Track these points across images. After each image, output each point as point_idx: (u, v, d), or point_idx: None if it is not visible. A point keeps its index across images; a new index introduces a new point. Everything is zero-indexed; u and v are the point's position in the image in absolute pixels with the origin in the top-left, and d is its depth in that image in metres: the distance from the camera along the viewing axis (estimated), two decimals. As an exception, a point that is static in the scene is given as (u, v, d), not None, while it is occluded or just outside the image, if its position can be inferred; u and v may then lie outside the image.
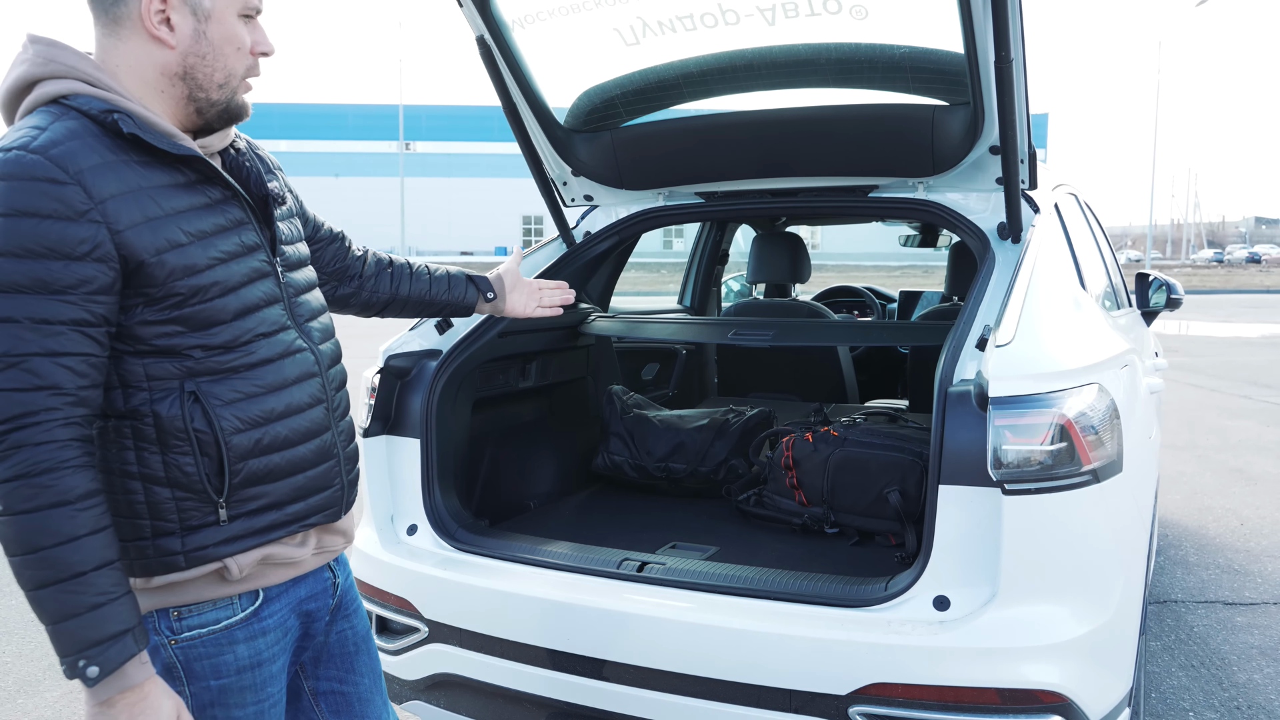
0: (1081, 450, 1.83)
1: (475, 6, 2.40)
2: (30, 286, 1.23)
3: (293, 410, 1.46)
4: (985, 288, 2.21)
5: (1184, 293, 4.29)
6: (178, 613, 1.41)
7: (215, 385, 1.38)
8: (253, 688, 1.47)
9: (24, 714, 3.21)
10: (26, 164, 1.23)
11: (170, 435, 1.35)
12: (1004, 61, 2.08)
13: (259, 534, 1.44)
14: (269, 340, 1.44)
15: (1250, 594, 4.24)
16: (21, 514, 1.22)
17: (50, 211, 1.23)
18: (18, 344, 1.22)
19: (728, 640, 1.92)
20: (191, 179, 1.38)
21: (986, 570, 1.83)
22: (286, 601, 1.52)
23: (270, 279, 1.46)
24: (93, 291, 1.26)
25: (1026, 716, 1.78)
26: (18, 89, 1.36)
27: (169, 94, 1.39)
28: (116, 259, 1.28)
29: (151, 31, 1.35)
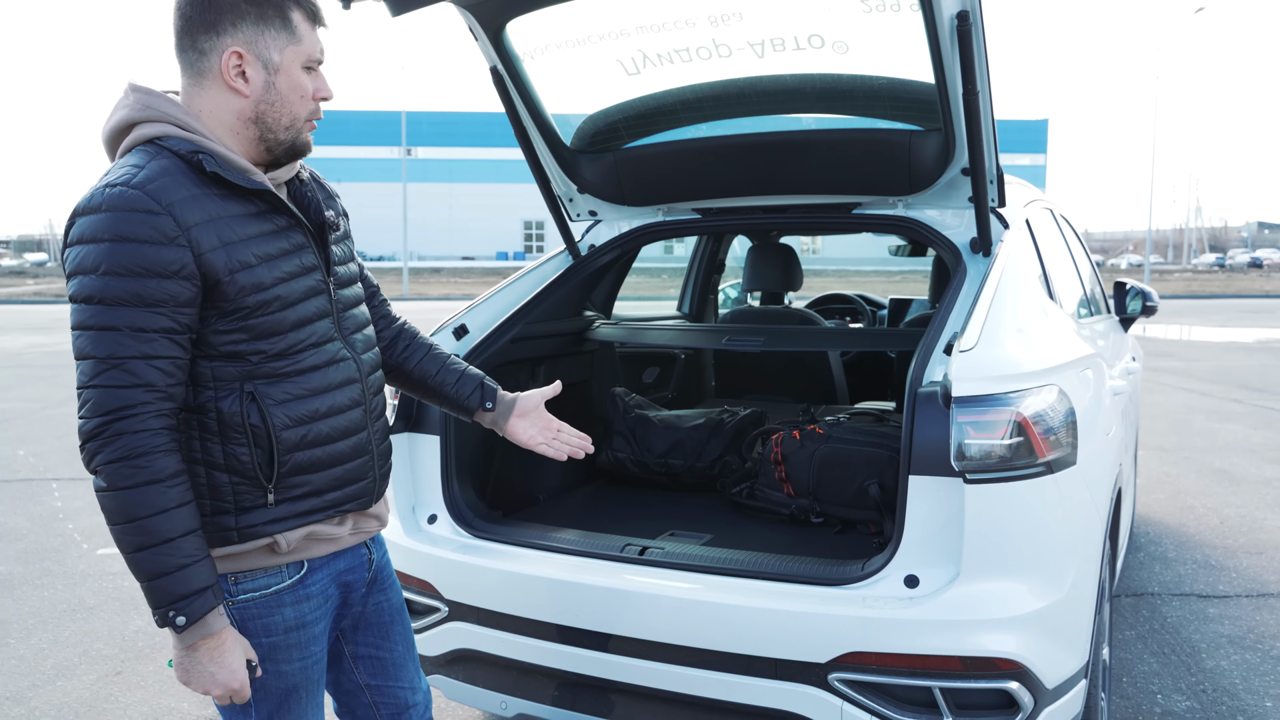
0: (1037, 445, 2.05)
1: (490, 40, 2.62)
2: (129, 300, 1.45)
3: (334, 411, 1.68)
4: (956, 297, 2.42)
5: (1159, 299, 4.51)
6: (234, 578, 1.63)
7: (270, 387, 1.60)
8: (298, 645, 1.70)
9: (63, 695, 3.43)
10: (128, 197, 1.47)
11: (230, 428, 1.57)
12: (971, 93, 2.30)
13: (300, 516, 1.65)
14: (317, 350, 1.66)
15: (1224, 587, 4.44)
16: (122, 490, 1.45)
17: (147, 237, 1.46)
18: (119, 349, 1.45)
19: (720, 615, 2.13)
20: (261, 209, 1.61)
21: (951, 551, 2.05)
22: (328, 572, 1.74)
23: (323, 296, 1.69)
24: (179, 305, 1.49)
25: (986, 682, 1.99)
26: (119, 130, 1.60)
27: (243, 135, 1.62)
28: (199, 277, 1.50)
29: (229, 83, 1.59)
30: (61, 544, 5.18)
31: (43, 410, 9.43)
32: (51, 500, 6.08)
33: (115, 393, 1.45)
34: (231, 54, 1.57)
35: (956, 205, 2.75)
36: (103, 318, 1.45)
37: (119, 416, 1.45)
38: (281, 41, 1.60)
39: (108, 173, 1.53)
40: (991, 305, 2.27)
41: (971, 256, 2.61)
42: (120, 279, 1.45)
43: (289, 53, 1.61)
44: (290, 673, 1.69)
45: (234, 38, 1.57)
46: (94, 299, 1.46)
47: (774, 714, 2.09)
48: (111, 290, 1.45)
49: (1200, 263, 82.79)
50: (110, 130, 1.60)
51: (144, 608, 4.23)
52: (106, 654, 3.78)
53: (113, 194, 1.47)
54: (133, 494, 1.45)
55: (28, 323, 21.31)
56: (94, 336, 1.46)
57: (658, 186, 3.05)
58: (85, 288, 1.47)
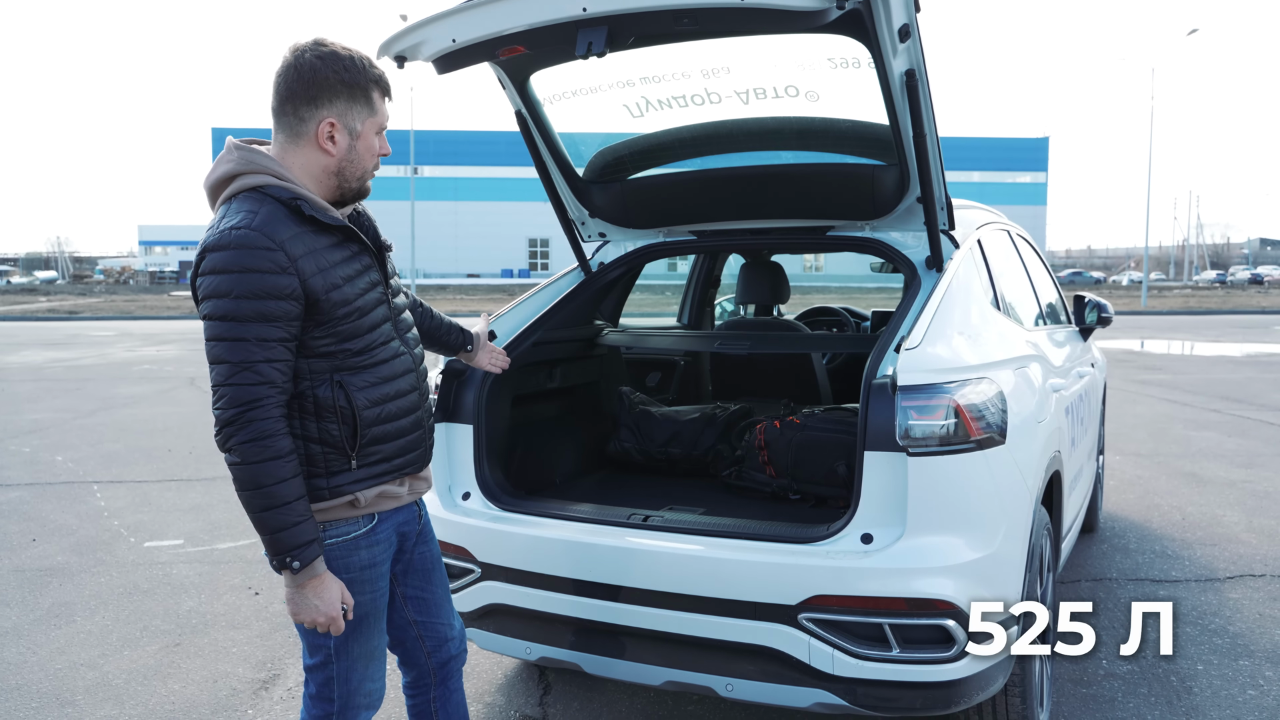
0: (969, 426, 2.50)
1: (515, 89, 3.09)
2: (255, 318, 1.90)
3: (399, 394, 2.14)
4: (910, 306, 2.87)
5: (1114, 312, 4.97)
6: (322, 527, 2.06)
7: (353, 377, 2.05)
8: (369, 581, 2.15)
9: (130, 662, 3.87)
10: (249, 237, 1.90)
11: (323, 410, 2.02)
12: (919, 135, 2.75)
13: (374, 478, 2.11)
14: (384, 347, 2.12)
15: (1176, 573, 4.87)
16: (253, 464, 1.89)
17: (266, 268, 1.90)
18: (249, 355, 1.89)
19: (709, 568, 2.58)
20: (340, 239, 2.06)
21: (899, 513, 2.49)
22: (391, 524, 2.20)
23: (384, 305, 2.14)
24: (291, 319, 1.94)
25: (927, 619, 2.43)
26: (223, 180, 2.02)
27: (325, 183, 2.07)
28: (303, 298, 1.95)
29: (321, 145, 2.03)
30: (110, 538, 5.62)
31: (74, 420, 9.88)
32: (95, 500, 6.52)
33: (247, 389, 1.88)
34: (326, 123, 2.01)
35: (914, 228, 3.20)
36: (235, 331, 1.88)
37: (251, 407, 1.88)
38: (364, 114, 2.05)
39: (225, 216, 1.95)
40: (937, 311, 2.73)
41: (926, 272, 3.06)
42: (248, 301, 1.88)
43: (368, 123, 2.06)
44: (363, 603, 2.14)
45: (329, 110, 2.00)
46: (228, 317, 1.88)
47: (754, 649, 2.53)
48: (242, 310, 1.88)
49: (1201, 279, 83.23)
50: (215, 180, 2.02)
51: (193, 591, 4.69)
52: (164, 629, 4.23)
53: (237, 234, 1.90)
54: (261, 467, 1.89)
55: (45, 339, 21.81)
56: (229, 345, 1.88)
57: (659, 212, 3.52)
58: (220, 308, 1.89)
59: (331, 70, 1.99)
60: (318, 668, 2.16)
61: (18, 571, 5.00)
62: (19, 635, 4.15)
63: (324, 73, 1.98)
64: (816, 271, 46.32)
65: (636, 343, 3.88)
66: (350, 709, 2.17)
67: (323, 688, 2.16)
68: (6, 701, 3.51)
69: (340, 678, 2.15)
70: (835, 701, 2.49)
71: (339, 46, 2.03)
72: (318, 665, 2.16)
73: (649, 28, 2.50)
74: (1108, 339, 20.44)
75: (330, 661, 2.14)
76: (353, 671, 2.16)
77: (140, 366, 15.37)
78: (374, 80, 2.05)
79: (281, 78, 2.01)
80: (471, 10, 2.56)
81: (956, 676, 2.46)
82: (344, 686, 2.16)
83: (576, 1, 2.41)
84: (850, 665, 2.45)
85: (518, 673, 3.76)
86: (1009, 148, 79.81)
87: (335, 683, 2.15)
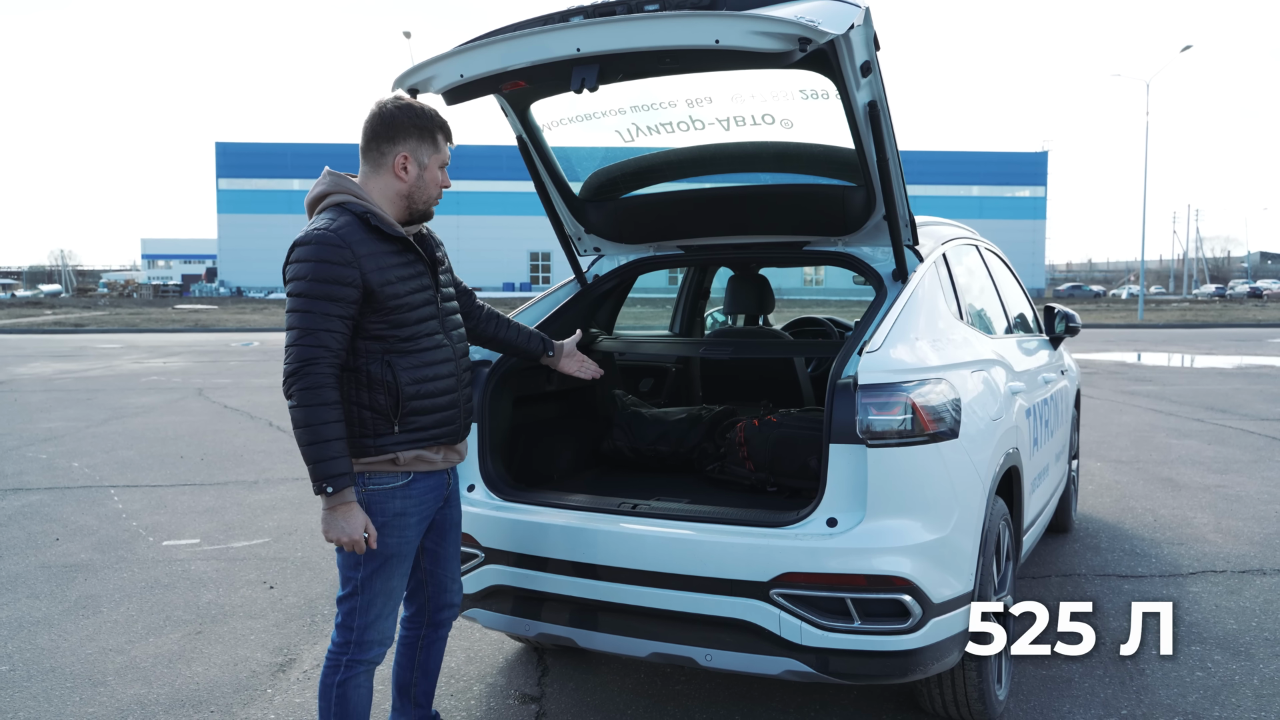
0: (923, 421, 2.78)
1: (517, 117, 3.39)
2: (322, 297, 2.43)
3: (437, 377, 2.62)
4: (875, 314, 3.15)
5: (1081, 321, 5.26)
6: (369, 476, 2.56)
7: (399, 358, 2.55)
8: (399, 528, 2.63)
9: (155, 648, 4.14)
10: (327, 237, 2.45)
11: (375, 382, 2.51)
12: (882, 160, 3.04)
13: (412, 443, 2.58)
14: (429, 338, 2.62)
15: (1142, 569, 5.14)
16: (306, 406, 2.40)
17: (336, 260, 2.43)
18: (313, 324, 2.41)
19: (690, 549, 2.86)
20: (400, 248, 2.58)
21: (860, 499, 2.77)
22: (425, 485, 2.66)
23: (432, 305, 2.66)
24: (350, 302, 2.46)
25: (885, 594, 2.71)
26: (318, 198, 2.59)
27: (397, 204, 2.62)
28: (362, 288, 2.47)
29: (397, 174, 2.60)
30: (129, 537, 5.90)
31: (87, 429, 10.17)
32: (112, 503, 6.80)
33: (309, 349, 2.40)
34: (400, 156, 2.58)
35: (882, 244, 3.48)
36: (306, 305, 2.41)
37: (310, 364, 2.40)
38: (430, 151, 2.62)
39: (314, 222, 2.51)
40: (898, 318, 3.02)
41: (892, 283, 3.34)
42: (319, 284, 2.42)
43: (433, 158, 2.63)
44: (391, 544, 2.61)
45: (404, 146, 2.58)
46: (303, 294, 2.41)
47: (730, 622, 2.81)
48: (313, 290, 2.42)
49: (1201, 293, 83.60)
50: (312, 198, 2.61)
51: (211, 585, 4.97)
52: (186, 619, 4.50)
53: (318, 234, 2.46)
54: (311, 410, 2.40)
55: (53, 351, 22.11)
56: (300, 315, 2.41)
57: (649, 228, 3.82)
58: (298, 288, 2.43)
59: (406, 116, 2.58)
60: (345, 599, 2.63)
61: (44, 567, 5.28)
62: (50, 624, 4.42)
63: (400, 118, 2.58)
64: (817, 285, 46.87)
65: (629, 349, 4.18)
66: (365, 642, 2.62)
67: (346, 617, 2.62)
68: (44, 682, 3.79)
69: (361, 609, 2.60)
70: (803, 669, 2.76)
71: (414, 99, 2.66)
72: (346, 596, 2.63)
73: (636, 66, 2.80)
74: (1101, 352, 20.77)
75: (356, 594, 2.60)
76: (371, 606, 2.61)
77: (148, 378, 15.66)
78: (439, 125, 2.64)
79: (369, 123, 2.60)
80: (477, 49, 2.86)
81: (912, 647, 2.74)
82: (363, 618, 2.61)
83: (571, 42, 2.71)
84: (816, 636, 2.73)
85: (517, 656, 4.03)
86: (1008, 162, 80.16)
87: (356, 613, 2.60)
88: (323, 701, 2.65)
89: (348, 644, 2.62)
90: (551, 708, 3.56)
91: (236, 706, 3.57)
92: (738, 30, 2.51)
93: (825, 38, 2.50)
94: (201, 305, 53.94)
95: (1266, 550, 5.47)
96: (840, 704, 3.51)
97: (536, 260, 67.84)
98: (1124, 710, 3.47)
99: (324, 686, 2.65)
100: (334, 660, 2.64)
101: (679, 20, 2.57)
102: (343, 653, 2.63)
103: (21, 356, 20.39)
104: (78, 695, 3.66)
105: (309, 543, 5.74)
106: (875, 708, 3.49)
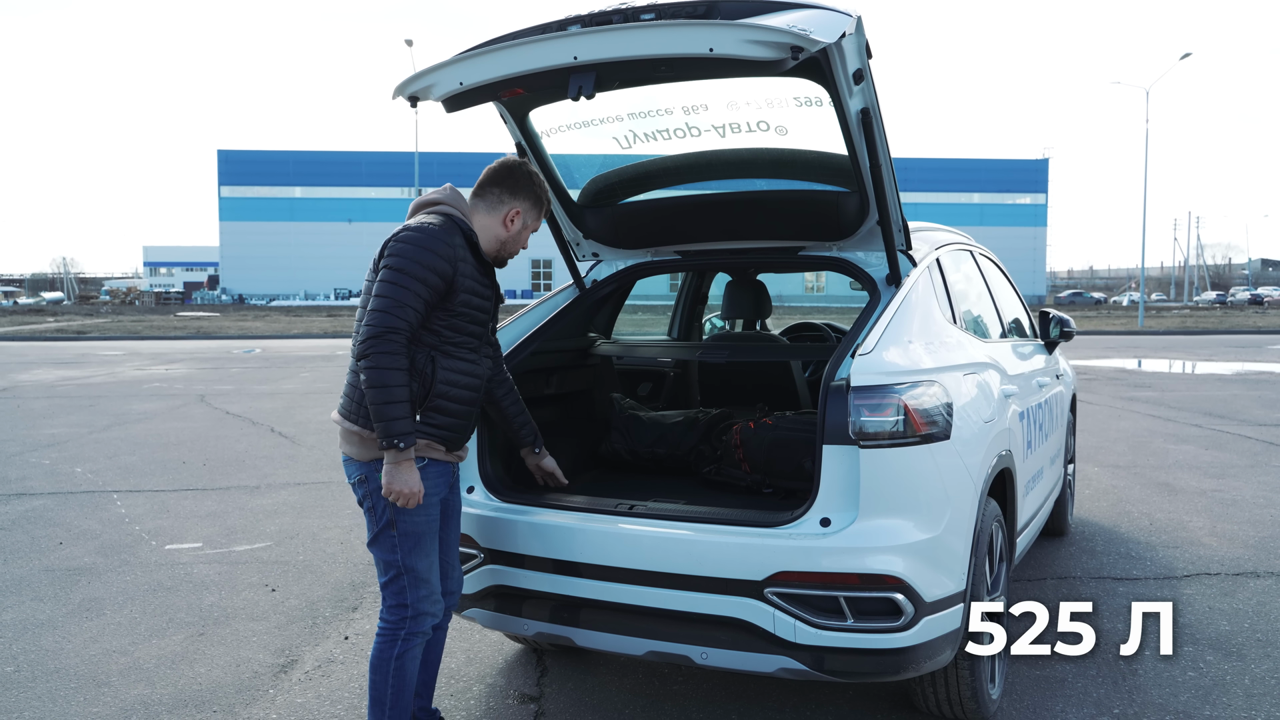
0: (915, 423, 2.82)
1: (516, 124, 3.45)
2: (417, 277, 2.69)
3: (463, 386, 2.88)
4: (869, 317, 3.20)
5: (1075, 326, 5.31)
6: None
7: (443, 358, 2.82)
8: (425, 506, 2.85)
9: (158, 649, 4.18)
10: (435, 232, 2.76)
11: (416, 370, 2.76)
12: (875, 166, 3.09)
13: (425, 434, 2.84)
14: (470, 351, 2.90)
15: (1137, 572, 5.18)
16: (381, 369, 2.64)
17: (437, 251, 2.73)
18: (402, 297, 2.67)
19: (686, 548, 2.90)
20: (483, 271, 2.90)
21: (853, 499, 2.81)
22: (437, 469, 2.89)
23: (485, 325, 2.95)
24: (435, 291, 2.73)
25: (877, 592, 2.75)
26: (432, 202, 2.90)
27: (490, 245, 2.96)
28: (447, 283, 2.75)
29: (505, 222, 2.96)
30: (132, 541, 5.94)
31: (89, 435, 10.22)
32: (115, 508, 6.85)
33: (392, 317, 2.65)
34: (515, 211, 2.95)
35: (876, 248, 3.53)
36: (401, 280, 2.67)
37: (391, 330, 2.65)
38: (535, 217, 3.01)
39: (425, 220, 2.81)
40: (891, 321, 3.06)
41: (885, 287, 3.38)
42: (417, 265, 2.69)
43: (531, 225, 3.02)
44: (419, 522, 2.86)
45: (520, 204, 2.96)
46: (401, 270, 2.67)
47: (725, 620, 2.85)
48: (411, 268, 2.69)
49: (1202, 300, 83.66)
50: (427, 200, 2.92)
51: (213, 588, 5.01)
52: (189, 621, 4.55)
53: (429, 227, 2.77)
54: (386, 373, 2.64)
55: (55, 358, 22.17)
56: (392, 287, 2.66)
57: (646, 234, 3.87)
58: (397, 263, 2.68)
59: (532, 183, 2.99)
60: (391, 581, 2.88)
61: (48, 571, 5.32)
62: (54, 626, 4.47)
63: (526, 182, 2.97)
64: (818, 292, 47.00)
65: (627, 353, 4.22)
66: (421, 614, 2.89)
67: (397, 596, 2.87)
68: (48, 682, 3.83)
69: (410, 585, 2.87)
70: (797, 667, 2.80)
71: (536, 171, 3.04)
72: (391, 580, 2.88)
73: (632, 73, 2.86)
74: (1101, 359, 20.81)
75: (401, 574, 2.86)
76: (419, 580, 2.88)
77: (150, 384, 15.71)
78: (547, 203, 3.05)
79: (498, 171, 2.97)
80: (476, 57, 2.91)
81: (905, 645, 2.78)
82: (414, 593, 2.87)
83: (568, 50, 2.76)
84: (810, 634, 2.77)
85: (516, 657, 4.07)
86: (1009, 169, 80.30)
87: (407, 590, 2.86)
88: (378, 675, 2.87)
89: (404, 619, 2.86)
90: (550, 707, 3.60)
91: (239, 706, 3.61)
92: (731, 38, 2.56)
93: (817, 46, 2.55)
94: (203, 312, 54.05)
95: (1260, 553, 5.51)
96: (835, 703, 3.55)
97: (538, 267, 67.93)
98: (1116, 709, 3.51)
99: (380, 661, 2.87)
100: (390, 636, 2.87)
101: (674, 29, 2.62)
102: (400, 627, 2.87)
103: (24, 363, 20.45)
104: (82, 695, 3.71)
105: (310, 546, 5.78)
106: (870, 707, 3.53)
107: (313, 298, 76.48)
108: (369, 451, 2.81)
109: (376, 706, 2.89)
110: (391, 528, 2.83)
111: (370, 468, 2.82)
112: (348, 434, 2.87)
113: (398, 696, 2.87)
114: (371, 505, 2.86)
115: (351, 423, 2.83)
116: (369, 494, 2.85)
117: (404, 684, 2.87)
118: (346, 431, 2.87)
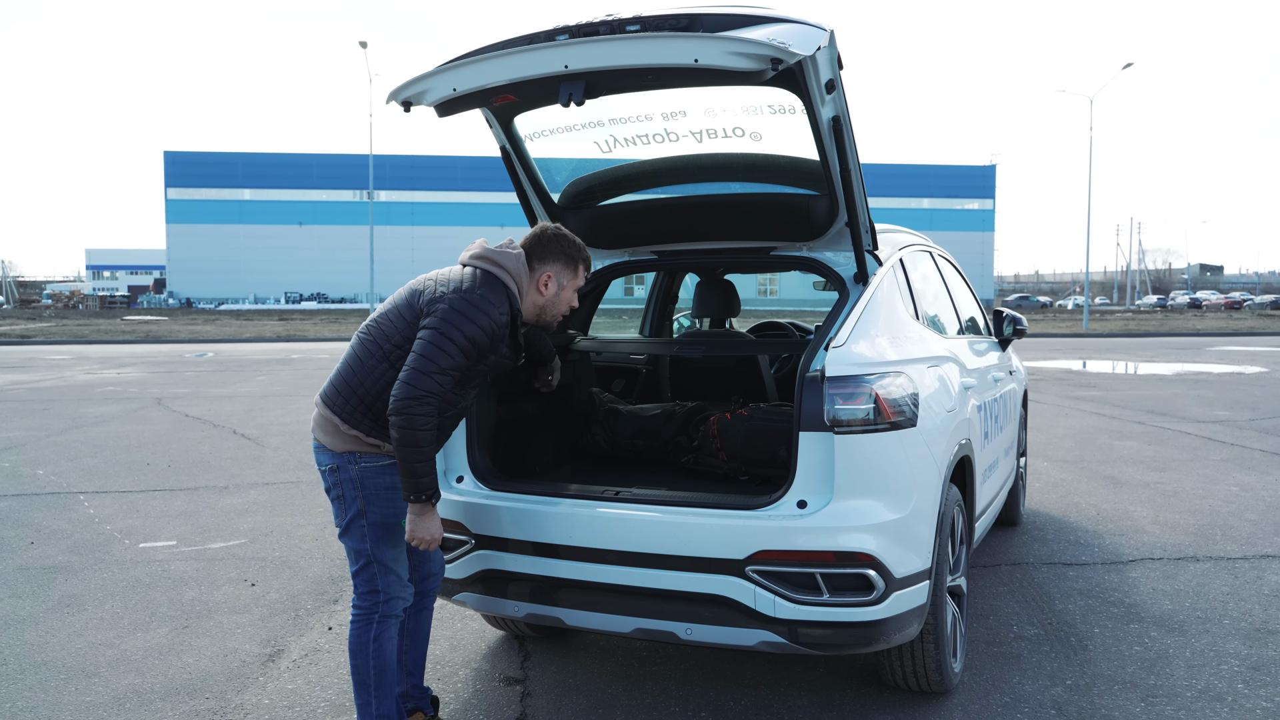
0: (885, 411, 3.02)
1: (501, 129, 3.59)
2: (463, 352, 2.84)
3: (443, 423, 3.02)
4: (839, 313, 3.39)
5: (1027, 324, 5.58)
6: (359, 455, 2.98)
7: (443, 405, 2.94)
8: (391, 501, 2.98)
9: (144, 642, 4.24)
10: (496, 318, 2.89)
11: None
12: (845, 170, 3.28)
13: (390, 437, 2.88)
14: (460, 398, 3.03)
15: (1085, 558, 5.45)
16: (414, 430, 2.76)
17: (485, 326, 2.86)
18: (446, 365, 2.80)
19: (671, 530, 3.06)
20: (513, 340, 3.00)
21: (828, 483, 3.00)
22: None
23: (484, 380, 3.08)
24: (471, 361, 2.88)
25: (851, 569, 2.94)
26: (494, 261, 2.96)
27: (530, 310, 3.08)
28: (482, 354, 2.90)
29: (539, 287, 3.07)
30: (105, 540, 5.96)
31: (48, 438, 10.12)
32: (83, 508, 6.84)
33: (434, 382, 2.79)
34: (546, 275, 3.06)
35: (845, 249, 3.73)
36: (449, 348, 2.80)
37: (429, 395, 2.78)
38: (570, 276, 3.10)
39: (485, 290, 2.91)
40: (860, 316, 3.26)
41: (854, 285, 3.58)
42: (469, 341, 2.83)
43: (570, 283, 3.11)
44: (386, 514, 2.97)
45: (551, 268, 3.06)
46: (452, 340, 2.79)
47: (709, 597, 3.02)
48: (463, 343, 2.82)
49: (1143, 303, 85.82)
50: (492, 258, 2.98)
51: (193, 584, 5.07)
52: (171, 615, 4.61)
53: (493, 311, 2.88)
54: (419, 434, 2.77)
55: (0, 362, 21.74)
56: (441, 353, 2.78)
57: (624, 234, 4.03)
58: (451, 332, 2.80)
59: (560, 244, 3.08)
60: (361, 570, 3.01)
61: (22, 569, 5.34)
62: (36, 622, 4.51)
63: (552, 244, 3.08)
64: (771, 296, 47.44)
65: (605, 349, 4.39)
66: (391, 598, 3.02)
67: (369, 583, 3.01)
68: (37, 674, 3.89)
69: (380, 573, 3.01)
70: (777, 640, 2.98)
71: (568, 232, 3.12)
72: (361, 568, 3.01)
73: (620, 82, 3.02)
74: (1047, 360, 21.37)
75: (371, 562, 3.00)
76: (388, 568, 3.01)
77: (104, 388, 15.52)
78: (583, 259, 3.13)
79: (527, 240, 3.10)
80: (470, 65, 3.06)
81: (876, 618, 2.97)
82: (384, 579, 3.01)
83: (560, 59, 2.92)
84: (789, 609, 2.95)
85: (499, 642, 4.21)
86: (957, 175, 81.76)
87: (378, 577, 3.00)
88: (358, 659, 3.01)
89: (376, 604, 3.00)
90: (535, 688, 3.74)
91: (230, 693, 3.71)
92: (715, 50, 2.73)
93: (795, 58, 2.73)
94: (151, 316, 53.05)
95: (1199, 540, 5.82)
96: (808, 679, 3.74)
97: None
98: (1069, 680, 3.74)
99: (358, 645, 3.01)
100: (365, 620, 3.01)
101: (662, 41, 2.78)
102: (373, 611, 3.01)
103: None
104: (73, 686, 3.77)
105: (285, 543, 5.85)
106: (840, 682, 3.72)
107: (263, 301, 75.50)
108: (343, 443, 2.95)
109: (361, 689, 3.02)
110: (361, 517, 2.97)
111: (343, 458, 2.96)
112: (325, 421, 2.98)
113: (380, 676, 3.01)
114: (340, 494, 2.99)
115: (333, 413, 2.94)
116: (338, 483, 2.98)
117: (384, 664, 3.01)
118: (324, 418, 2.98)
